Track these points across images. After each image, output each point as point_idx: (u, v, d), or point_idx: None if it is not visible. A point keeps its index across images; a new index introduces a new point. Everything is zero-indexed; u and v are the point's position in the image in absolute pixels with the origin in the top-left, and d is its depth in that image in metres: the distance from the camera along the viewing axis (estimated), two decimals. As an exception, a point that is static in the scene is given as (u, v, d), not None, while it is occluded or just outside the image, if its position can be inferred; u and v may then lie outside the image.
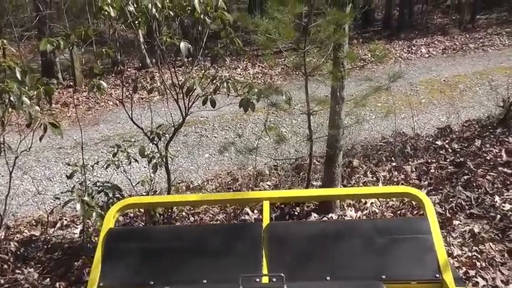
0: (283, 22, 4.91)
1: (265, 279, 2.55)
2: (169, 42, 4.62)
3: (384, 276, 2.51)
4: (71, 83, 13.57)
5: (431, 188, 5.91)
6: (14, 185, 6.21)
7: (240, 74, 13.78)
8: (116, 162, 5.02)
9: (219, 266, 2.66)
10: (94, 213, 4.47)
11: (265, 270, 2.59)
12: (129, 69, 14.33)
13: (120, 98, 4.99)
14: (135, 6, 4.43)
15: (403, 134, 8.10)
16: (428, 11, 19.70)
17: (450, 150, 6.89)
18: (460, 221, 5.12)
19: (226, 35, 4.76)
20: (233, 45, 4.82)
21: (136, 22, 4.58)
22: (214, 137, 9.47)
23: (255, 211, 5.80)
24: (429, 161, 6.64)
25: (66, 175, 5.02)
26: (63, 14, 12.35)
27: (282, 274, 2.38)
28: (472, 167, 6.11)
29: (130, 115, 5.03)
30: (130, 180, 5.81)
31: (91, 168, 5.13)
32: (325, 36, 5.07)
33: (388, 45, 15.64)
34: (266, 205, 2.95)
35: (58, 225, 6.06)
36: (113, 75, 13.29)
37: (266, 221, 2.83)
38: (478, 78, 11.66)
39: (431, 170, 6.32)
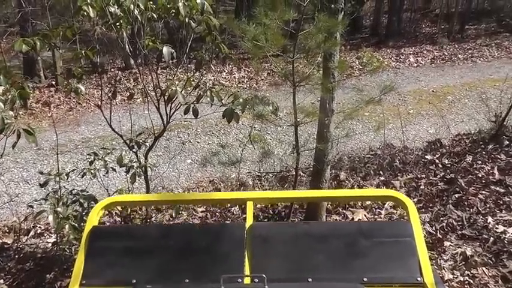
0: (271, 28, 4.72)
1: (247, 280, 2.52)
2: (151, 47, 4.45)
3: (365, 279, 2.50)
4: (53, 82, 13.25)
5: (421, 205, 5.73)
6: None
7: (225, 78, 13.54)
8: (93, 171, 4.82)
9: (202, 266, 2.64)
10: (67, 226, 4.28)
11: (247, 271, 2.58)
12: (112, 70, 14.11)
13: (101, 101, 4.79)
14: (117, 7, 4.23)
15: (391, 146, 7.94)
16: (416, 19, 19.60)
17: (440, 166, 6.73)
18: (451, 242, 4.94)
19: (212, 40, 4.60)
20: (219, 50, 4.66)
21: (118, 24, 4.38)
22: (197, 142, 9.25)
23: (237, 223, 5.64)
24: (419, 176, 6.47)
25: (40, 183, 4.81)
26: (47, 12, 12.08)
27: (264, 275, 2.37)
28: (463, 184, 5.94)
29: (109, 121, 4.83)
30: (107, 189, 5.61)
31: (65, 177, 4.91)
32: (315, 44, 4.87)
33: (376, 52, 15.52)
34: (250, 205, 2.94)
35: (32, 233, 5.88)
36: (96, 75, 13.04)
37: (249, 221, 2.82)
38: (467, 90, 11.54)
39: (421, 186, 6.15)
